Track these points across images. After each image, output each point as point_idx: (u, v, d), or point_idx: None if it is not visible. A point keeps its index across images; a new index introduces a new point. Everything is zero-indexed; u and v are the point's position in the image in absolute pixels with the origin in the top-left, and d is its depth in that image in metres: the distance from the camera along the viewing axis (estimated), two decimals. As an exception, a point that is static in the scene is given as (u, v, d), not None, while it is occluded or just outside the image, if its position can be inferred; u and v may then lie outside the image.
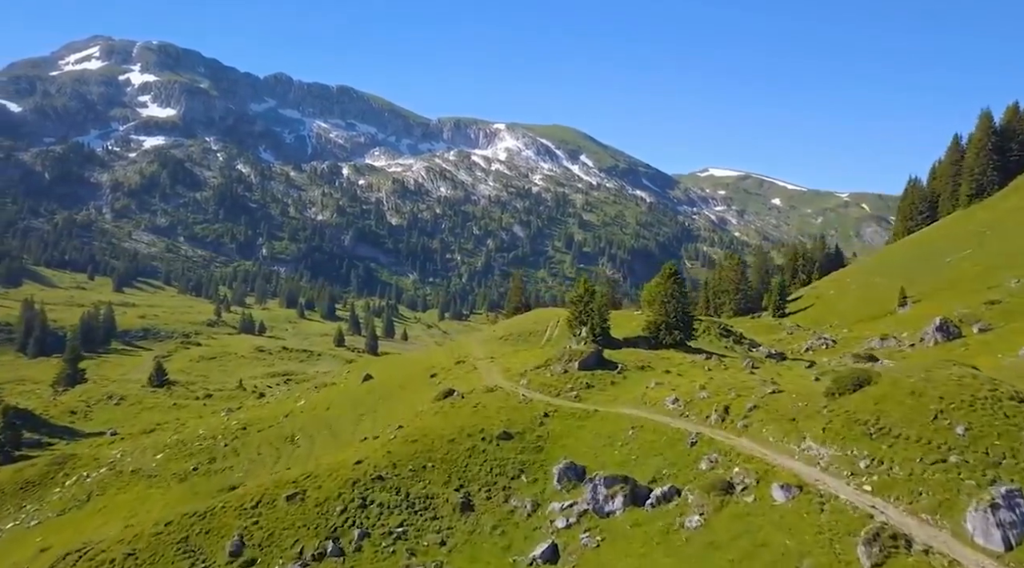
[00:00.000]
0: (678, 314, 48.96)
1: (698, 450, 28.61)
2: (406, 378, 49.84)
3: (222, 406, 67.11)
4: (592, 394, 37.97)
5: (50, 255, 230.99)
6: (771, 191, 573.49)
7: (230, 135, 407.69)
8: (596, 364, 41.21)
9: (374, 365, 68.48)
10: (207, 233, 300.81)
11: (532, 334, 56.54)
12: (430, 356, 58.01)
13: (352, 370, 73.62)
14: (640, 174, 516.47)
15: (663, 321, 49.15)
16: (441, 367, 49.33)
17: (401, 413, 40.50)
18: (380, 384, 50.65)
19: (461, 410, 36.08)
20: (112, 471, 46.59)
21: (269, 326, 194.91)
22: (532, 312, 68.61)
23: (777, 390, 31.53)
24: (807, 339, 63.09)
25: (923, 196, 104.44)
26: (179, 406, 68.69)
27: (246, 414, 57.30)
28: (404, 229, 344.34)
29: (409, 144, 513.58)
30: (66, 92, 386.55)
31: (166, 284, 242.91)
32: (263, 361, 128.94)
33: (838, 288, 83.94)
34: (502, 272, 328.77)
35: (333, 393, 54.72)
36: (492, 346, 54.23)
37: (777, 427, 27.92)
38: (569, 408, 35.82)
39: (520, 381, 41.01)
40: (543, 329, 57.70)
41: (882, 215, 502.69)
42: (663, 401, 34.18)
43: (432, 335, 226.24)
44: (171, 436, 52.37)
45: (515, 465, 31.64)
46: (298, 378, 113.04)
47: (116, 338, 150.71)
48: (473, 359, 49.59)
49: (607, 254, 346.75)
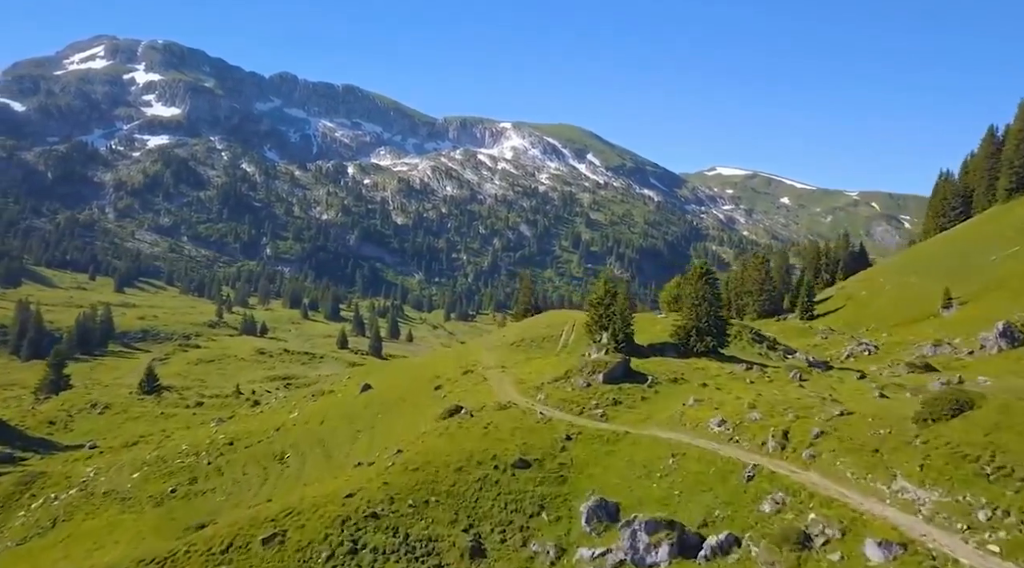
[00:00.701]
0: (710, 318, 43.92)
1: (758, 487, 23.61)
2: (408, 389, 45.02)
3: (213, 415, 62.62)
4: (620, 412, 33.01)
5: (51, 255, 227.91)
6: (779, 190, 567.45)
7: (235, 134, 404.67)
8: (623, 376, 36.27)
9: (375, 373, 63.76)
10: (211, 233, 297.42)
11: (546, 339, 51.60)
12: (435, 364, 53.14)
13: (352, 377, 68.92)
14: (647, 173, 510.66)
15: (693, 326, 44.11)
16: (446, 377, 44.50)
17: (401, 431, 35.71)
18: (379, 395, 45.87)
19: (470, 431, 31.19)
20: (83, 492, 42.05)
21: (272, 327, 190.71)
22: (545, 315, 63.59)
23: (846, 412, 26.48)
24: (845, 344, 57.89)
25: (955, 191, 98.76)
26: (167, 415, 64.18)
27: (235, 426, 52.68)
28: (410, 229, 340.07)
29: (415, 143, 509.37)
30: (70, 91, 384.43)
31: (168, 284, 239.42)
32: (263, 364, 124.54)
33: (870, 288, 78.62)
34: (508, 272, 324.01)
35: (329, 404, 50.01)
36: (502, 353, 49.30)
37: (856, 460, 22.89)
38: (595, 429, 30.87)
39: (536, 396, 36.09)
40: (557, 334, 52.79)
41: (892, 214, 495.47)
42: (707, 422, 29.16)
43: (438, 336, 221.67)
44: (151, 451, 47.79)
45: (534, 500, 26.75)
46: (298, 382, 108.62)
47: (114, 340, 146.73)
48: (482, 368, 44.71)
49: (615, 253, 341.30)
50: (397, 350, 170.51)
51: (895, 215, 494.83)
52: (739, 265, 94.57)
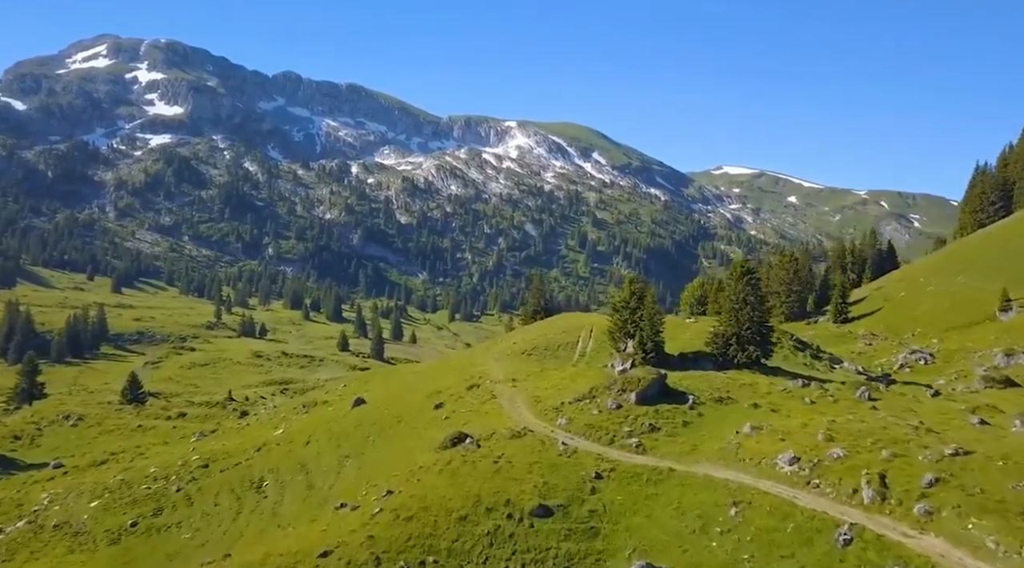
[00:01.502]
0: (754, 325, 37.92)
1: (860, 556, 17.77)
2: (405, 406, 39.29)
3: (195, 428, 57.14)
4: (660, 441, 27.21)
5: (49, 255, 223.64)
6: (787, 189, 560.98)
7: (238, 133, 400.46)
8: (660, 395, 30.48)
9: (372, 382, 58.16)
10: (212, 232, 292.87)
11: (561, 347, 45.77)
12: (436, 374, 47.37)
13: (348, 384, 63.37)
14: (654, 172, 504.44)
15: (733, 334, 38.15)
16: (449, 392, 38.73)
17: (393, 463, 30.03)
18: (373, 412, 40.14)
19: (476, 467, 25.45)
20: (32, 525, 36.60)
21: (272, 328, 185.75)
22: (558, 319, 57.64)
23: (961, 451, 20.59)
24: (894, 352, 51.84)
25: (994, 185, 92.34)
26: (145, 429, 58.64)
27: (215, 443, 47.14)
28: (414, 228, 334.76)
29: (419, 142, 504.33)
30: (72, 90, 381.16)
31: (169, 285, 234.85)
32: (260, 368, 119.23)
33: (910, 289, 72.44)
34: (514, 272, 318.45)
35: (318, 420, 44.40)
36: (512, 363, 43.53)
37: (998, 524, 17.01)
38: (631, 465, 25.08)
39: (556, 419, 30.31)
40: (573, 341, 47.00)
41: (902, 213, 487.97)
42: (773, 459, 23.33)
43: (442, 338, 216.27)
44: (117, 474, 42.29)
45: (559, 560, 21.02)
46: (295, 388, 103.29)
47: (108, 342, 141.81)
48: (489, 382, 38.93)
49: (622, 253, 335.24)
50: (400, 352, 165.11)
51: (905, 214, 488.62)
52: (763, 264, 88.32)
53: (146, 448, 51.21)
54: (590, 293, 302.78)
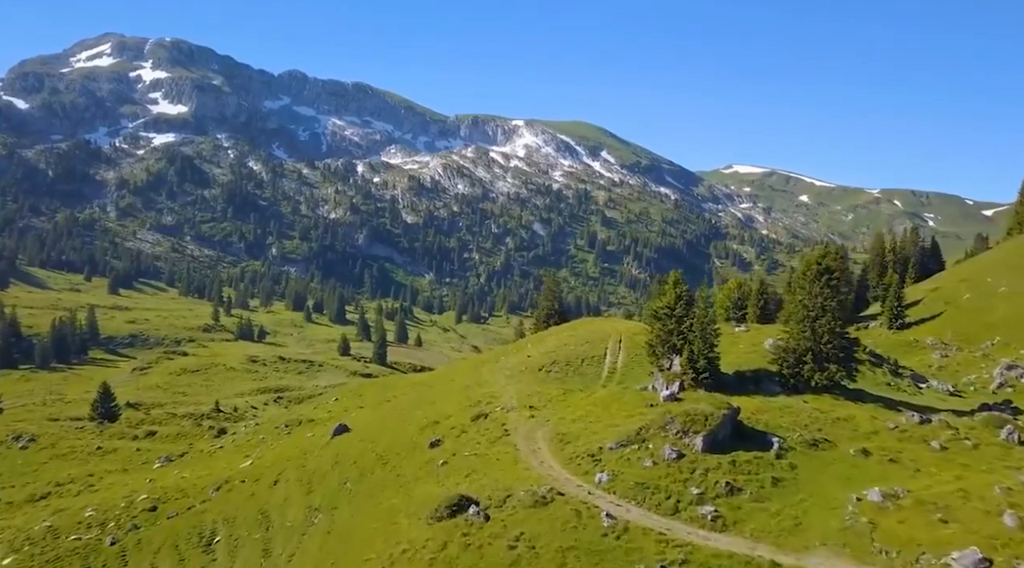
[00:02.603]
0: (835, 338, 29.81)
1: None
2: (394, 440, 31.36)
3: (162, 451, 49.69)
4: (745, 511, 19.20)
5: (47, 255, 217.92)
6: (798, 188, 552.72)
7: (243, 132, 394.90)
8: (734, 438, 22.48)
9: (366, 395, 50.41)
10: (215, 232, 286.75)
11: (585, 362, 37.80)
12: (436, 393, 39.36)
13: (340, 399, 55.62)
14: (663, 171, 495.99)
15: (808, 349, 30.01)
16: (449, 423, 30.64)
17: (370, 531, 22.20)
18: (356, 445, 32.34)
19: (484, 555, 17.56)
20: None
21: (272, 331, 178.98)
22: (578, 325, 49.53)
23: None
24: (983, 366, 43.52)
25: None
26: (104, 451, 51.05)
27: (174, 475, 39.61)
28: (420, 227, 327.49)
29: (426, 141, 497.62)
30: (75, 89, 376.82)
31: (169, 285, 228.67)
32: (254, 374, 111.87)
33: (974, 291, 63.98)
34: (522, 272, 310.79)
35: (293, 451, 36.75)
36: (528, 382, 35.59)
37: None
38: (711, 552, 17.07)
39: (594, 473, 22.15)
40: (599, 354, 39.05)
41: (916, 212, 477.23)
42: (943, 557, 15.20)
43: (448, 340, 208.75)
44: (47, 518, 34.78)
45: None
46: (290, 396, 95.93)
47: (99, 345, 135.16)
48: (500, 408, 30.92)
49: (632, 252, 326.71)
50: (404, 356, 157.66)
51: (919, 213, 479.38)
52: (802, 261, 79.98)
53: (99, 477, 43.78)
54: (600, 294, 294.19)
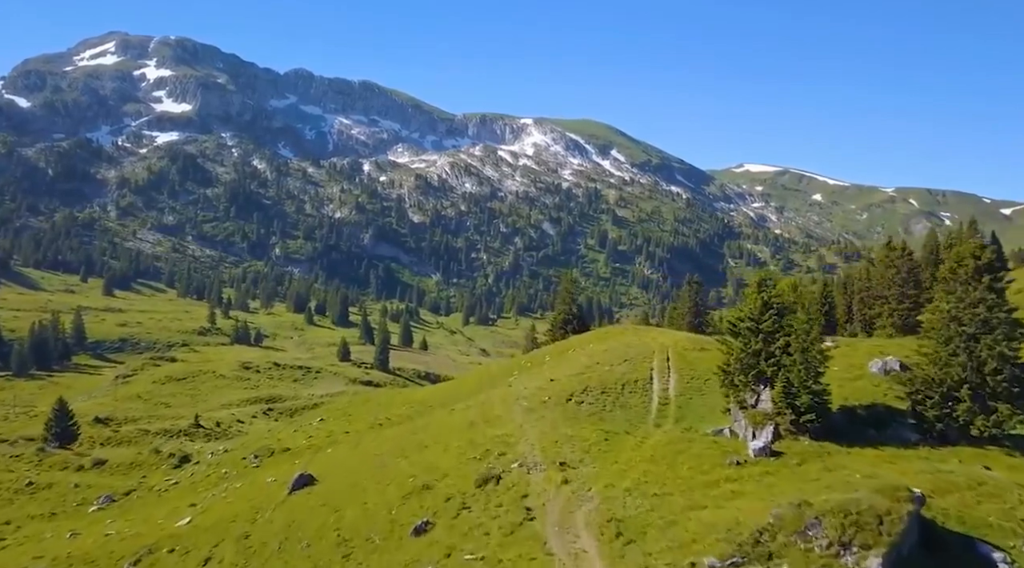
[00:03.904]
0: (1004, 365, 21.19)
1: None
2: (364, 511, 22.83)
3: (105, 488, 41.87)
4: None
5: (42, 255, 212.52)
6: (811, 186, 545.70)
7: (247, 131, 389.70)
8: (922, 554, 13.99)
9: (355, 416, 42.67)
10: (217, 232, 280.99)
11: (627, 388, 29.74)
12: (429, 437, 30.22)
13: (327, 420, 47.90)
14: (674, 170, 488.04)
15: (962, 379, 21.42)
16: (444, 491, 21.51)
17: None
18: (313, 517, 24.03)
19: None
20: None
21: (271, 334, 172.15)
22: (608, 335, 41.30)
23: None
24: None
25: None
26: (36, 488, 42.51)
27: (96, 532, 32.11)
28: (427, 227, 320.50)
29: (433, 140, 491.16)
30: (78, 87, 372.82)
31: (168, 286, 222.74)
32: (246, 382, 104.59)
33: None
34: (531, 272, 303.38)
35: (239, 508, 29.12)
36: (554, 418, 27.26)
37: None
38: None
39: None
40: (644, 376, 31.02)
41: (932, 211, 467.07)
42: None
43: (455, 343, 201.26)
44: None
45: None
46: (282, 407, 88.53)
47: (86, 350, 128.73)
48: (518, 465, 22.41)
49: (644, 252, 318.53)
50: (408, 361, 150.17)
51: (935, 212, 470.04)
52: (862, 260, 71.59)
53: (15, 528, 35.89)
54: (612, 294, 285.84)
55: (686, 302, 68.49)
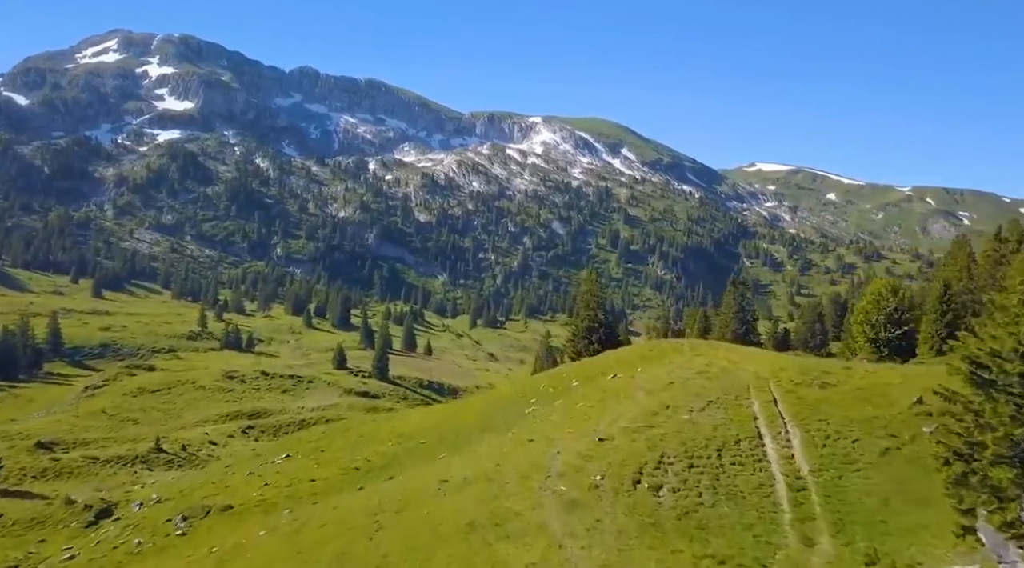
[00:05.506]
0: None
1: None
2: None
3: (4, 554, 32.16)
4: None
5: (32, 255, 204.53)
6: (825, 185, 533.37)
7: (251, 130, 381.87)
8: None
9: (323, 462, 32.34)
10: (217, 231, 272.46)
11: (722, 453, 18.66)
12: (406, 541, 19.21)
13: (293, 457, 37.72)
14: (685, 168, 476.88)
15: None
16: None
17: None
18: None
19: None
20: None
21: (266, 338, 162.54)
22: (660, 352, 31.17)
23: None
24: None
25: None
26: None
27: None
28: (433, 226, 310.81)
29: (441, 139, 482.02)
30: (78, 85, 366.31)
31: (164, 288, 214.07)
32: (229, 394, 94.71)
33: None
34: (540, 273, 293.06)
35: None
36: (617, 530, 15.92)
37: None
38: None
39: None
40: (747, 433, 20.15)
41: (950, 210, 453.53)
42: None
43: (462, 347, 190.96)
44: None
45: None
46: (264, 425, 78.56)
47: (63, 357, 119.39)
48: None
49: (657, 252, 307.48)
50: (411, 367, 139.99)
51: (952, 211, 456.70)
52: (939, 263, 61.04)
53: None
54: (624, 295, 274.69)
55: (731, 307, 57.54)
